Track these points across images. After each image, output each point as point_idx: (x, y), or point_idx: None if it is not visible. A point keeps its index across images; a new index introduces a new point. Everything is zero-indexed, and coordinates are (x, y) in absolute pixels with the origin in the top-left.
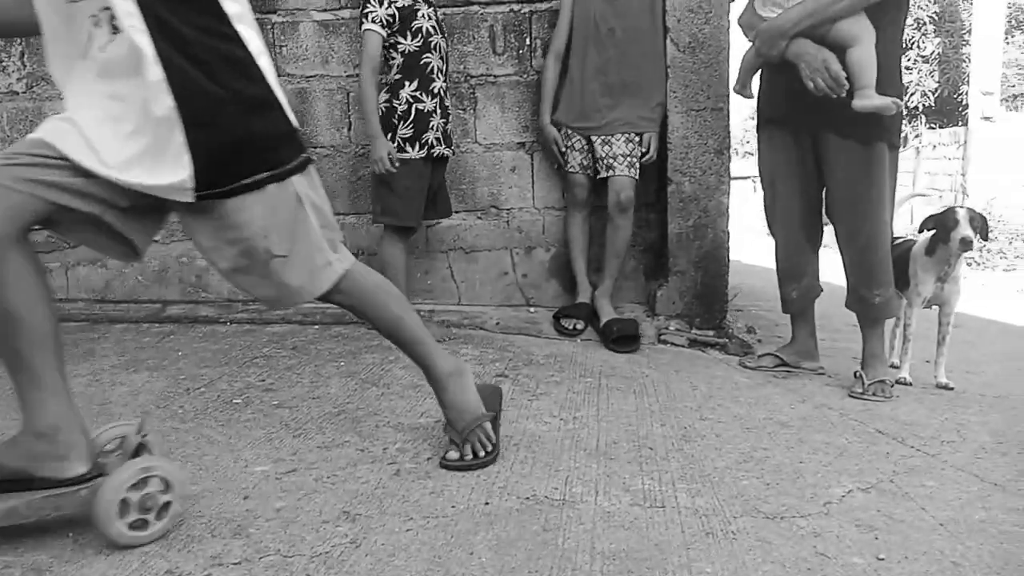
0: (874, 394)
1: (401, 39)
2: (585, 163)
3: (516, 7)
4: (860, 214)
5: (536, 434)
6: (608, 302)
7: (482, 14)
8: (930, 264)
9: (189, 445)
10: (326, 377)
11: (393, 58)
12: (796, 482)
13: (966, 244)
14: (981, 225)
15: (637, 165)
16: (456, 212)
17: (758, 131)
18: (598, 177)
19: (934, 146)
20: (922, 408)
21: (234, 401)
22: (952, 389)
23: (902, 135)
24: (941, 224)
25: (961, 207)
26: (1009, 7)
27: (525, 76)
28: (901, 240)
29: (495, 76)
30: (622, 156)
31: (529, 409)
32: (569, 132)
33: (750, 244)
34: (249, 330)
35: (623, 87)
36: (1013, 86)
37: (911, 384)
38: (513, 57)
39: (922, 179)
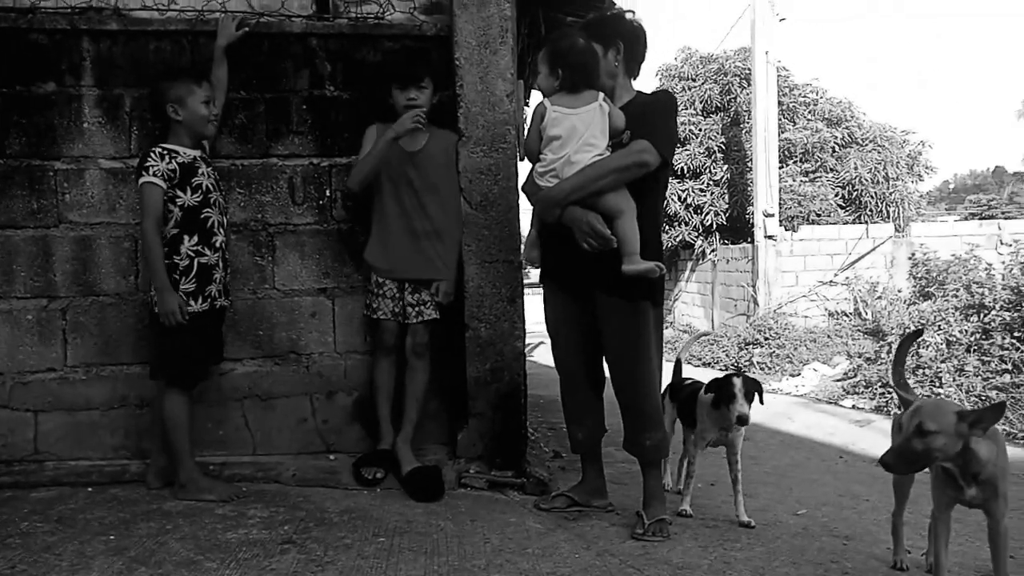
0: (654, 534)
1: (180, 193)
2: (396, 310)
3: (316, 160)
4: (628, 365)
5: None
6: (409, 449)
7: (281, 166)
8: (715, 416)
9: None
10: (90, 557)
11: (171, 212)
12: None
13: (742, 421)
14: (756, 389)
15: (437, 308)
16: (252, 359)
17: (541, 284)
18: (407, 322)
19: (728, 260)
20: (696, 546)
21: None
22: (753, 528)
23: (665, 292)
24: (721, 392)
25: (738, 376)
26: (781, 141)
27: (326, 225)
28: (691, 381)
29: (295, 225)
30: (430, 302)
31: None
32: (380, 280)
33: None
34: (11, 497)
35: (427, 235)
36: (789, 208)
37: (691, 516)
38: (313, 207)
39: (719, 289)
